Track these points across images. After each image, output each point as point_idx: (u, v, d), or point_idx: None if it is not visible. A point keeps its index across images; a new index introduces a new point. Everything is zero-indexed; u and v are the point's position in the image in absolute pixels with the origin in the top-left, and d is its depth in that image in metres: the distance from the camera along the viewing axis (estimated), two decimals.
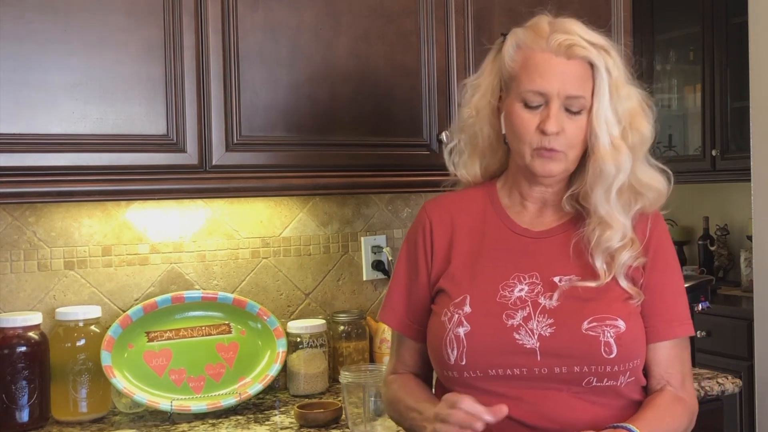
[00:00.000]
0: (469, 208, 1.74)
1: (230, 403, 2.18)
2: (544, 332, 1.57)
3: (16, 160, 1.87)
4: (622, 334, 1.55)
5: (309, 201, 2.59)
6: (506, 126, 1.66)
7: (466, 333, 1.59)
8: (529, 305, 1.59)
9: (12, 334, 2.08)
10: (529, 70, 1.61)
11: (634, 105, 1.63)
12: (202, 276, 2.44)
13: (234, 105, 2.08)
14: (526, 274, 1.63)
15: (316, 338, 2.38)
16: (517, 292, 1.61)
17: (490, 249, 1.68)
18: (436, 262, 1.71)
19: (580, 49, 1.59)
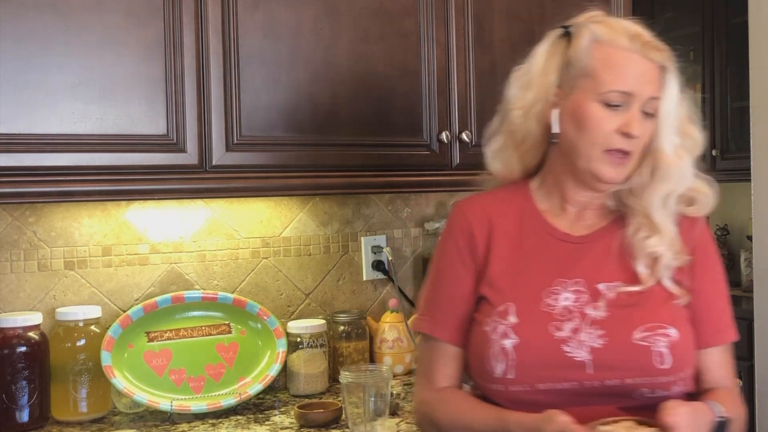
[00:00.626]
0: (505, 210, 1.67)
1: (230, 403, 2.18)
2: (595, 344, 1.51)
3: (16, 160, 1.86)
4: (675, 343, 1.51)
5: (309, 201, 2.59)
6: (570, 125, 1.58)
7: (514, 345, 1.53)
8: (578, 316, 1.54)
9: (12, 334, 2.08)
10: (614, 68, 1.54)
11: (686, 111, 1.60)
12: (202, 276, 2.44)
13: (234, 105, 2.08)
14: (570, 281, 1.58)
15: (316, 338, 2.38)
16: (563, 301, 1.56)
17: (529, 254, 1.62)
18: (478, 267, 1.64)
19: (658, 52, 1.56)
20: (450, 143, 2.37)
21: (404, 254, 2.77)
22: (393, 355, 2.55)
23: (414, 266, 2.79)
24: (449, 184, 2.43)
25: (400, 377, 2.53)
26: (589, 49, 1.57)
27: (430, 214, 2.81)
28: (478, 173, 2.42)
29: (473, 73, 2.41)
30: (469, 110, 2.41)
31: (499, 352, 1.53)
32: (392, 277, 2.65)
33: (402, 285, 2.73)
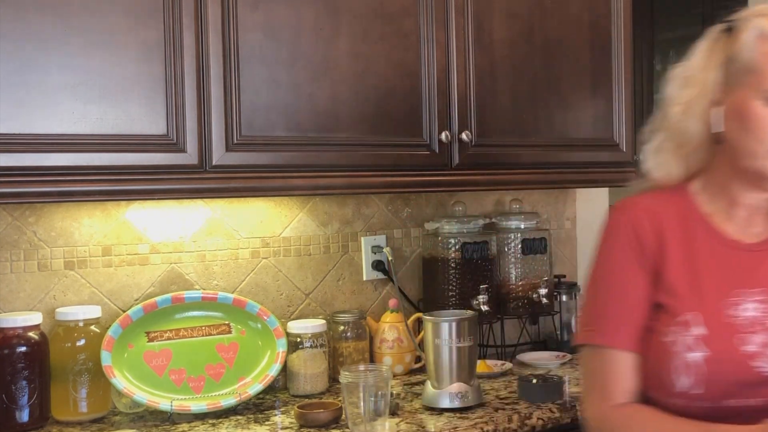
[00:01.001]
0: (670, 213, 1.59)
1: (230, 403, 2.18)
2: None
3: (16, 160, 1.86)
4: None
5: (309, 201, 2.59)
6: (732, 123, 1.52)
7: (705, 359, 1.47)
8: (763, 328, 1.48)
9: (12, 334, 2.08)
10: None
11: None
12: (202, 276, 2.44)
13: (234, 105, 2.08)
14: (751, 290, 1.51)
15: (316, 338, 2.39)
16: (746, 312, 1.49)
17: (703, 261, 1.55)
18: (653, 272, 1.56)
19: None
20: (450, 143, 2.37)
21: (404, 254, 2.78)
22: (393, 355, 2.55)
23: (414, 266, 2.79)
24: (449, 184, 2.44)
25: (400, 377, 2.54)
26: (754, 44, 1.50)
27: (430, 214, 2.81)
28: (478, 173, 2.44)
29: (473, 73, 2.41)
30: (468, 110, 2.41)
31: (683, 365, 1.47)
32: (392, 277, 2.65)
33: (402, 285, 2.73)
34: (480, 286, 2.63)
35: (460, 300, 2.63)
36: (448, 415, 2.13)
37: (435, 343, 2.18)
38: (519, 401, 2.24)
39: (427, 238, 2.77)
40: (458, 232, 2.69)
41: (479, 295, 2.61)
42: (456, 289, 2.66)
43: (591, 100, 2.62)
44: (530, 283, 2.78)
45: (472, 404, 2.18)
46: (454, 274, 2.66)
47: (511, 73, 2.48)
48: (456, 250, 2.67)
